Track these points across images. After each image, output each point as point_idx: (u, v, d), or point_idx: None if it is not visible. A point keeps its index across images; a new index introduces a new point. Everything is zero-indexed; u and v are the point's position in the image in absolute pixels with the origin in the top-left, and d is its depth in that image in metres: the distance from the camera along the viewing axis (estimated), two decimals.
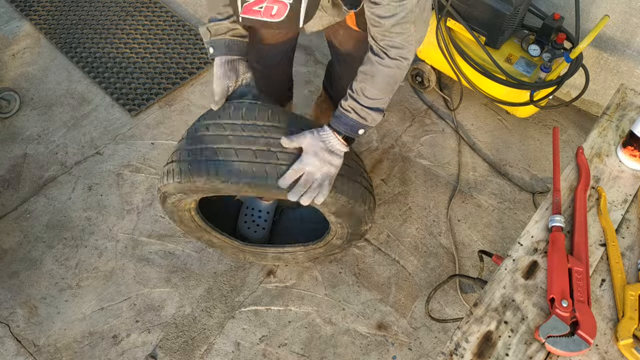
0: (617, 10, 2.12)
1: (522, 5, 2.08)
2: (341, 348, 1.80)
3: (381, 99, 1.32)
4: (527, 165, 2.31)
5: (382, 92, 1.31)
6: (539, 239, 1.19)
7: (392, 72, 1.27)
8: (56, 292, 1.86)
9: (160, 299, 1.87)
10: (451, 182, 2.23)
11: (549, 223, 1.18)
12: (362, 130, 1.33)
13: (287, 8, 0.94)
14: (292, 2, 0.93)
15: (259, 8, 0.95)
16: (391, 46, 1.24)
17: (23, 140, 2.24)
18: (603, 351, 1.04)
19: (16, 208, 2.06)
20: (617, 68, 2.28)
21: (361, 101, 1.30)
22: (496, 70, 2.14)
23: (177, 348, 1.77)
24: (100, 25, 2.69)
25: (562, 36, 2.07)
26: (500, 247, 2.05)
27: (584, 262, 1.11)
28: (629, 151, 1.32)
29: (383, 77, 1.28)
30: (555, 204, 1.22)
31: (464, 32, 2.19)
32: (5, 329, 1.78)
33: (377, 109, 1.32)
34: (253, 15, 0.97)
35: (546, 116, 2.48)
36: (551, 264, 1.11)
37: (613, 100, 1.48)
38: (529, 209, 2.16)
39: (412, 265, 2.00)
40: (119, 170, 2.18)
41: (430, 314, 1.77)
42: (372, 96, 1.30)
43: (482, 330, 1.05)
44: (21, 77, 2.45)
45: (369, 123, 1.33)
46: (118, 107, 2.38)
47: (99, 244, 1.98)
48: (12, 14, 2.70)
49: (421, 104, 2.50)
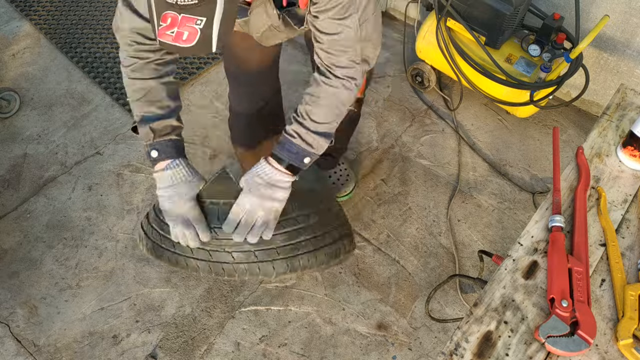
0: (617, 10, 2.12)
1: (522, 5, 2.08)
2: (341, 348, 1.80)
3: (328, 123, 1.24)
4: (527, 165, 2.31)
5: (328, 115, 1.24)
6: (539, 239, 1.19)
7: (339, 92, 1.22)
8: (56, 292, 1.86)
9: (160, 299, 1.87)
10: (451, 182, 2.23)
11: (549, 223, 1.18)
12: (307, 158, 1.23)
13: (198, 34, 0.90)
14: (202, 28, 0.90)
15: (170, 33, 0.90)
16: (337, 65, 1.20)
17: (23, 140, 2.24)
18: (603, 351, 1.04)
19: (16, 208, 2.06)
20: (617, 68, 2.28)
21: (307, 125, 1.21)
22: (496, 70, 2.14)
23: (177, 348, 1.77)
24: (100, 25, 2.69)
25: (562, 36, 2.07)
26: (500, 247, 2.05)
27: (584, 262, 1.11)
28: (629, 151, 1.32)
29: (329, 99, 1.22)
30: (555, 203, 1.22)
31: (464, 32, 2.19)
32: (5, 329, 1.78)
33: (324, 133, 1.24)
34: (165, 39, 0.92)
35: (546, 116, 2.48)
36: (551, 264, 1.11)
37: (613, 100, 1.48)
38: (529, 209, 2.16)
39: (412, 265, 2.00)
40: (119, 170, 2.18)
41: (430, 314, 1.77)
42: (318, 119, 1.22)
43: (482, 330, 1.05)
44: (21, 77, 2.45)
45: (315, 150, 1.24)
46: (118, 107, 2.38)
47: (99, 244, 1.98)
48: (12, 14, 2.70)
49: (421, 104, 2.50)
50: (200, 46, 0.92)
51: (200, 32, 0.89)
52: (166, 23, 0.89)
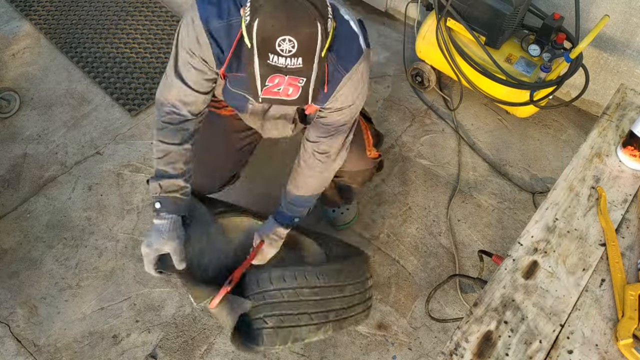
0: (617, 10, 2.12)
1: (522, 5, 2.08)
2: (341, 348, 1.80)
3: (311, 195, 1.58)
4: (527, 165, 2.31)
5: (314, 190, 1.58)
6: (539, 238, 1.19)
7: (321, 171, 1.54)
8: (56, 292, 1.86)
9: (160, 299, 1.87)
10: (451, 182, 2.24)
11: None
12: (297, 219, 1.58)
13: (300, 90, 1.16)
14: (303, 85, 1.16)
15: (277, 90, 1.16)
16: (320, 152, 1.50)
17: (23, 140, 2.24)
18: (603, 351, 1.04)
19: (16, 208, 2.06)
20: (617, 68, 2.28)
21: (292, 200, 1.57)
22: (496, 70, 2.14)
23: (177, 348, 1.77)
24: (100, 25, 2.69)
25: (562, 36, 2.08)
26: (500, 247, 2.06)
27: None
28: (629, 151, 1.32)
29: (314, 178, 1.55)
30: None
31: (464, 32, 2.19)
32: (5, 328, 1.78)
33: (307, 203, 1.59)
34: (272, 95, 1.17)
35: (546, 116, 2.48)
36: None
37: (613, 100, 1.48)
38: (529, 209, 2.16)
39: (412, 265, 2.00)
40: (119, 170, 2.18)
41: (430, 314, 1.77)
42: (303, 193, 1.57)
43: (482, 330, 1.05)
44: (21, 77, 2.45)
45: (301, 214, 1.59)
46: (118, 107, 2.38)
47: (99, 243, 1.98)
48: (12, 14, 2.70)
49: (421, 104, 2.50)
50: (300, 99, 1.18)
51: (301, 89, 1.16)
52: (273, 83, 1.14)
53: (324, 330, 1.49)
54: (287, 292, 1.43)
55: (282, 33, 1.07)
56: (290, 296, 1.44)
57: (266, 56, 1.11)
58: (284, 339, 1.42)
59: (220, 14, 1.27)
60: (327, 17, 1.13)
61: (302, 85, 1.16)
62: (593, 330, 1.07)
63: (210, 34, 1.28)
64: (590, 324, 1.07)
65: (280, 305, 1.43)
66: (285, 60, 1.10)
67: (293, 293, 1.44)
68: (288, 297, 1.43)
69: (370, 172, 1.78)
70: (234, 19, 1.26)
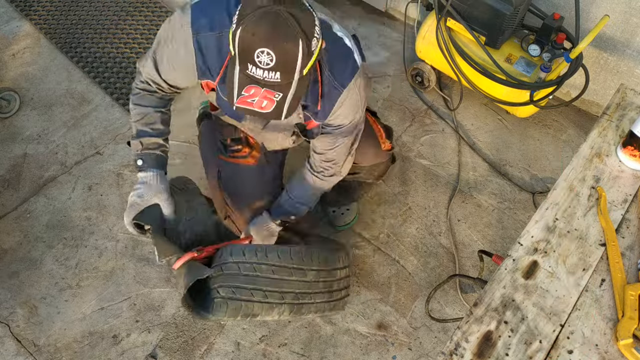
0: (617, 10, 2.12)
1: (522, 5, 2.08)
2: (341, 348, 1.80)
3: (313, 194, 1.66)
4: (527, 165, 2.31)
5: (317, 190, 1.65)
6: (539, 238, 1.19)
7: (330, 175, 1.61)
8: (56, 292, 1.86)
9: (160, 299, 1.87)
10: (451, 182, 2.24)
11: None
12: (293, 217, 1.64)
13: (274, 104, 1.17)
14: (278, 100, 1.16)
15: (252, 101, 1.16)
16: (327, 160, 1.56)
17: (23, 140, 2.24)
18: (603, 351, 1.04)
19: (16, 208, 2.06)
20: (617, 68, 2.28)
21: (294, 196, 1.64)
22: (496, 70, 2.14)
23: (177, 348, 1.77)
24: (100, 25, 2.69)
25: (562, 36, 2.07)
26: (500, 247, 2.06)
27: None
28: (629, 151, 1.32)
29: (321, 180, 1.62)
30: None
31: (464, 32, 2.19)
32: (5, 328, 1.78)
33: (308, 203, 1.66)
34: (246, 105, 1.17)
35: (546, 116, 2.48)
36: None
37: (613, 100, 1.48)
38: (529, 209, 2.16)
39: (412, 265, 2.00)
40: (119, 170, 2.18)
41: (430, 314, 1.77)
42: (306, 192, 1.64)
43: (482, 330, 1.05)
44: (21, 77, 2.45)
45: (298, 212, 1.65)
46: (118, 107, 2.38)
47: (99, 243, 1.98)
48: (12, 14, 2.70)
49: (421, 104, 2.50)
50: (274, 113, 1.19)
51: (276, 103, 1.17)
52: (249, 93, 1.15)
53: (279, 312, 1.49)
54: (244, 265, 1.45)
55: (261, 45, 1.08)
56: (247, 270, 1.45)
57: (245, 66, 1.11)
58: (234, 311, 1.43)
59: (212, 25, 1.28)
60: (312, 37, 1.12)
61: (278, 99, 1.16)
62: (593, 330, 1.07)
63: (198, 44, 1.30)
64: (590, 324, 1.07)
65: (235, 277, 1.44)
66: (263, 73, 1.11)
67: (250, 267, 1.45)
68: (245, 271, 1.45)
69: (386, 164, 1.82)
70: (227, 30, 1.25)
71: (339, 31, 1.35)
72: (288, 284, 1.50)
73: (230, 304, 1.42)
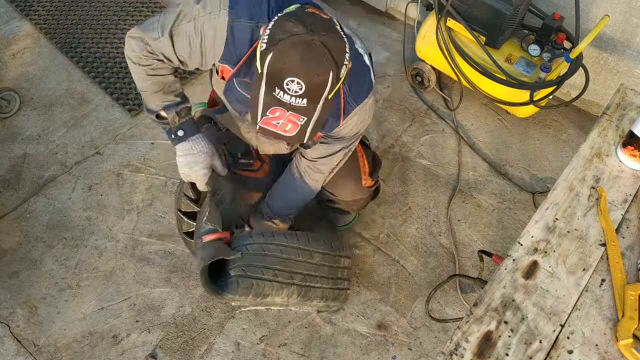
0: (617, 10, 2.12)
1: (522, 5, 2.08)
2: (341, 348, 1.80)
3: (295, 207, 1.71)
4: (527, 165, 2.31)
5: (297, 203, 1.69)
6: (539, 238, 1.19)
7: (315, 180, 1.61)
8: (56, 292, 1.86)
9: (160, 299, 1.87)
10: (451, 182, 2.23)
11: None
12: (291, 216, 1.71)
13: (298, 128, 1.17)
14: (302, 124, 1.16)
15: (276, 123, 1.16)
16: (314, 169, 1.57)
17: (23, 140, 2.24)
18: (603, 351, 1.04)
19: (16, 208, 2.06)
20: (617, 68, 2.28)
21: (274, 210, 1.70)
22: (496, 70, 2.14)
23: (177, 348, 1.77)
24: (100, 25, 2.69)
25: (562, 36, 2.08)
26: (500, 247, 2.06)
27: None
28: (629, 151, 1.32)
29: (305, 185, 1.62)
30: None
31: (464, 32, 2.19)
32: (5, 329, 1.78)
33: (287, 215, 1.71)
34: (270, 127, 1.17)
35: (546, 116, 2.48)
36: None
37: (613, 100, 1.48)
38: (529, 209, 2.16)
39: (412, 265, 2.00)
40: (119, 170, 2.18)
41: (430, 314, 1.77)
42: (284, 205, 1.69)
43: (482, 330, 1.05)
44: (21, 77, 2.45)
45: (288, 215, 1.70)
46: (118, 107, 2.38)
47: (99, 243, 1.98)
48: (12, 14, 2.70)
49: (421, 104, 2.50)
50: (297, 137, 1.19)
51: (300, 127, 1.17)
52: (273, 115, 1.14)
53: (288, 293, 1.52)
54: (252, 247, 1.48)
55: (292, 74, 1.08)
56: (256, 250, 1.48)
57: (273, 89, 1.11)
58: (245, 290, 1.44)
59: (252, 14, 1.24)
60: (342, 65, 1.12)
61: (302, 123, 1.16)
62: (593, 330, 1.07)
63: (232, 30, 1.25)
64: (590, 324, 1.07)
65: (244, 257, 1.46)
66: (290, 98, 1.11)
67: (258, 247, 1.48)
68: (253, 251, 1.47)
69: (366, 200, 1.80)
70: (262, 22, 1.23)
71: (360, 48, 1.36)
72: (296, 264, 1.53)
73: (241, 282, 1.43)
